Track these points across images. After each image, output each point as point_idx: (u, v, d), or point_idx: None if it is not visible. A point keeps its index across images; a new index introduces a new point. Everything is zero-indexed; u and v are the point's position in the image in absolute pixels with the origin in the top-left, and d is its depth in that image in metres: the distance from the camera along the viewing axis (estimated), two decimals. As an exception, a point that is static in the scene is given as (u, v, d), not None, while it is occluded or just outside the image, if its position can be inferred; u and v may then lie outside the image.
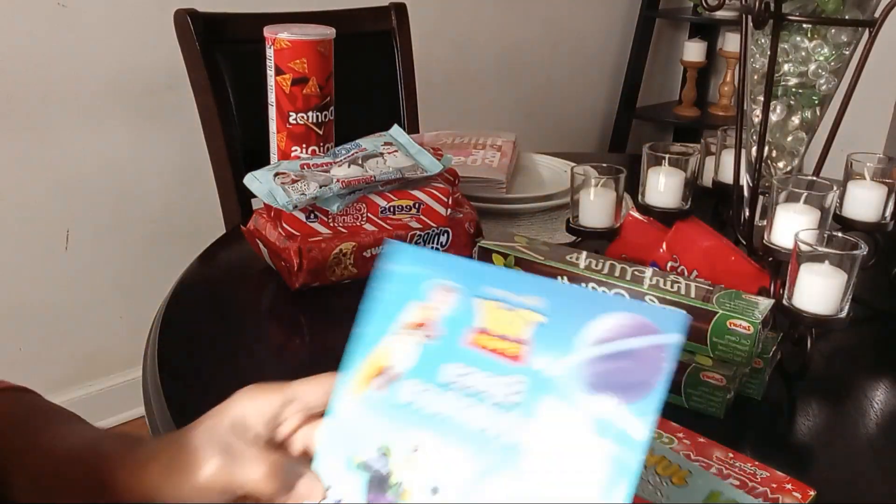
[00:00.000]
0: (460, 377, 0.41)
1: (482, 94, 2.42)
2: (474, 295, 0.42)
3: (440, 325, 0.43)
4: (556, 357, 0.38)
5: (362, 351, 0.45)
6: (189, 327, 0.80)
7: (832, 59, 0.81)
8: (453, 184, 0.93)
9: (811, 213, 0.75)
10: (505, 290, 0.41)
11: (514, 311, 0.40)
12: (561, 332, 0.39)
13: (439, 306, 0.43)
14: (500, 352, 0.40)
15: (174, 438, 0.46)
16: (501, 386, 0.39)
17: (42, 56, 1.56)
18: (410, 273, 0.45)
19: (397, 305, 0.44)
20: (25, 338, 1.68)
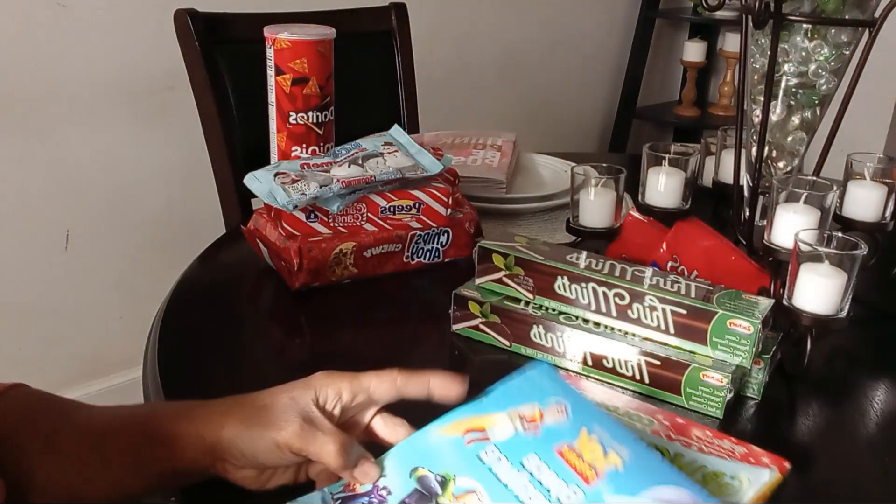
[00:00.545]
0: (538, 469, 0.49)
1: (482, 94, 2.42)
2: (582, 424, 0.51)
3: (543, 429, 0.52)
4: (614, 493, 0.47)
5: (473, 410, 0.54)
6: (189, 327, 0.80)
7: (832, 59, 0.81)
8: (453, 184, 0.93)
9: (811, 213, 0.75)
10: (605, 431, 0.50)
11: (604, 450, 0.49)
12: (628, 480, 0.47)
13: (551, 417, 0.52)
14: (577, 469, 0.48)
15: (248, 400, 0.53)
16: (565, 490, 0.48)
17: (42, 56, 1.56)
18: (544, 385, 0.55)
19: (520, 398, 0.54)
20: (25, 338, 1.68)
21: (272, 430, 0.51)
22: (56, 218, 1.66)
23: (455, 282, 0.78)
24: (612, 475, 0.48)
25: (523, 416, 0.53)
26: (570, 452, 0.50)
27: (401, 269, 0.91)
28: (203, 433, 0.52)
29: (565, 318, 0.72)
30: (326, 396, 0.53)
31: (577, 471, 0.49)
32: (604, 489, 0.47)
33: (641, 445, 0.50)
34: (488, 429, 0.53)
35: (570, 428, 0.51)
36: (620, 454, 0.49)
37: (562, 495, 0.47)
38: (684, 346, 0.68)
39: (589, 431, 0.51)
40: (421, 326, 0.83)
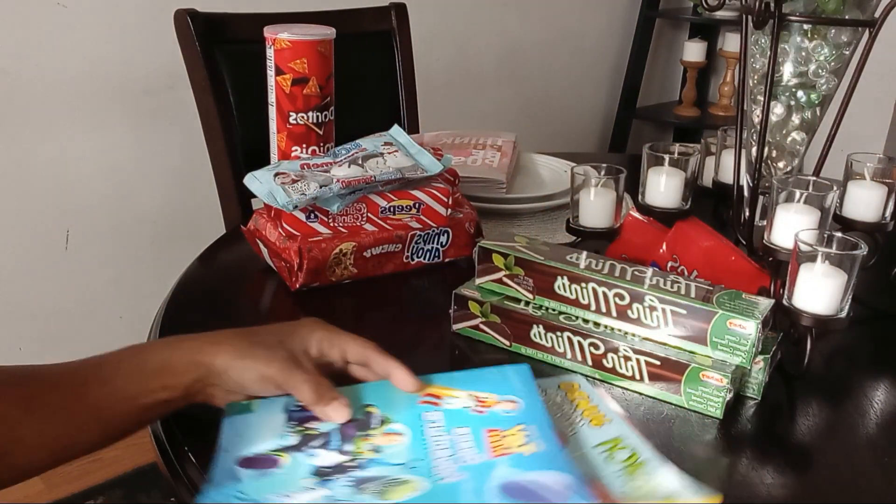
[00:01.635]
0: (460, 436, 0.57)
1: (482, 94, 2.42)
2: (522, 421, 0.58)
3: (489, 412, 0.60)
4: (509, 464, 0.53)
5: (441, 381, 0.63)
6: (189, 327, 0.80)
7: (832, 59, 0.81)
8: (453, 184, 0.93)
9: (811, 213, 0.75)
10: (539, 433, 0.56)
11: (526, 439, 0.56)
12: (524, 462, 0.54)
13: (501, 408, 0.60)
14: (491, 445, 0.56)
15: (238, 335, 0.60)
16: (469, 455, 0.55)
17: (42, 56, 1.56)
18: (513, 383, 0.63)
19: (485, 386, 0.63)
20: (25, 338, 1.68)
21: (260, 364, 0.58)
22: (56, 218, 1.66)
23: (455, 282, 0.78)
24: (517, 456, 0.54)
25: (479, 398, 0.61)
26: (496, 434, 0.57)
27: (401, 269, 0.91)
28: (197, 360, 0.58)
29: (565, 318, 0.72)
30: (310, 341, 0.62)
31: (491, 446, 0.56)
32: (499, 462, 0.54)
33: (560, 449, 0.55)
34: (444, 398, 0.61)
35: (510, 419, 0.59)
36: (538, 448, 0.55)
37: (463, 455, 0.55)
38: (684, 346, 0.68)
39: (525, 426, 0.57)
40: (421, 326, 0.83)
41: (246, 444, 0.56)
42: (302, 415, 0.59)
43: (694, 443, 0.64)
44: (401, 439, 0.57)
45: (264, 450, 0.56)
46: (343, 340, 0.63)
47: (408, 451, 0.56)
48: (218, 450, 0.56)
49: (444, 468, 0.53)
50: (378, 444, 0.57)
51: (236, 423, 0.58)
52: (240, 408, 0.60)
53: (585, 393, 0.67)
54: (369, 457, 0.55)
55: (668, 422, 0.66)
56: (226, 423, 0.58)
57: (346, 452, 0.56)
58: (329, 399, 0.58)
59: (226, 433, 0.57)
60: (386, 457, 0.55)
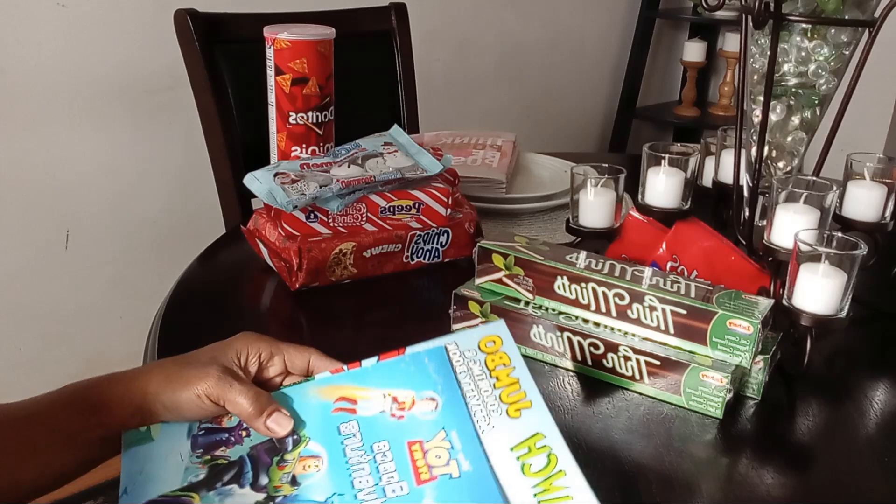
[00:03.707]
0: (382, 455, 0.53)
1: (482, 94, 2.42)
2: (442, 426, 0.55)
3: (408, 416, 0.56)
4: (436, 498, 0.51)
5: (354, 379, 0.58)
6: (189, 327, 0.80)
7: (832, 59, 0.81)
8: (453, 184, 0.93)
9: (811, 213, 0.75)
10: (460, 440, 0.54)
11: (449, 455, 0.53)
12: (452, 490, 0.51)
13: (420, 410, 0.56)
14: (416, 466, 0.52)
15: (170, 360, 0.57)
16: (395, 482, 0.52)
17: (42, 56, 1.56)
18: (429, 374, 0.58)
19: (401, 381, 0.57)
20: (25, 338, 1.68)
21: (193, 382, 0.55)
22: (56, 218, 1.66)
23: (455, 282, 0.78)
24: (443, 481, 0.52)
25: (396, 399, 0.57)
26: (417, 449, 0.54)
27: (401, 270, 0.91)
28: (130, 393, 0.55)
29: (565, 318, 0.72)
30: (247, 354, 0.58)
31: (415, 467, 0.52)
32: (427, 491, 0.51)
33: (485, 466, 0.52)
34: (359, 401, 0.57)
35: (430, 424, 0.55)
36: (461, 465, 0.52)
37: (388, 487, 0.51)
38: (684, 346, 0.68)
39: (446, 433, 0.54)
40: (421, 326, 0.83)
41: (150, 482, 0.53)
42: (207, 440, 0.56)
43: (694, 443, 0.64)
44: (319, 464, 0.54)
45: (171, 490, 0.52)
46: (283, 349, 0.60)
47: (327, 482, 0.52)
48: (120, 490, 0.53)
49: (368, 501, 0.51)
50: (295, 472, 0.53)
51: (137, 456, 0.55)
52: (139, 436, 0.56)
53: (507, 357, 0.59)
54: (287, 492, 0.52)
55: (668, 422, 0.66)
56: (125, 458, 0.55)
57: (261, 488, 0.52)
58: (270, 411, 0.55)
59: (126, 470, 0.54)
60: (304, 491, 0.52)
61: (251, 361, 0.59)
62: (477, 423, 0.55)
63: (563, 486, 0.50)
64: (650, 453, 0.62)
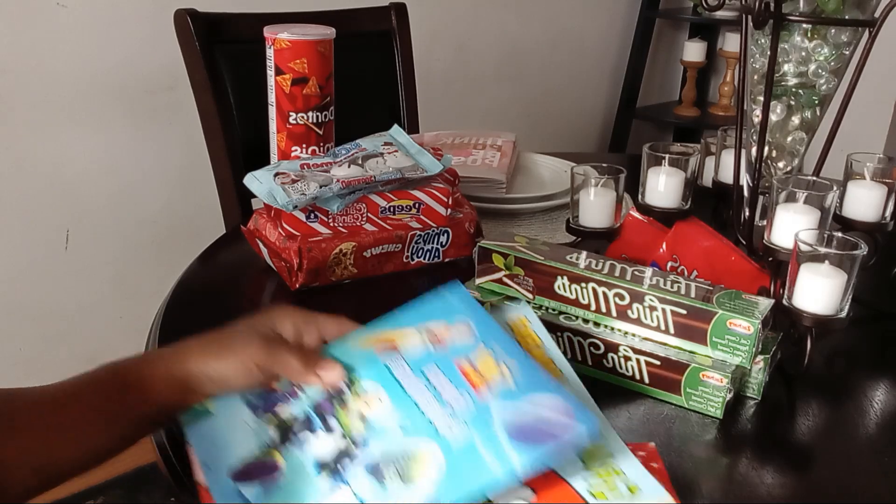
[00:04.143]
0: (435, 376, 0.56)
1: (482, 94, 2.42)
2: (481, 340, 0.58)
3: (448, 344, 0.59)
4: (499, 398, 0.54)
5: (387, 324, 0.62)
6: (189, 327, 0.80)
7: (832, 59, 0.81)
8: (453, 184, 0.93)
9: (811, 213, 0.75)
10: (500, 346, 0.58)
11: (496, 363, 0.56)
12: (511, 388, 0.54)
13: (456, 334, 0.59)
14: (470, 378, 0.55)
15: (206, 336, 0.58)
16: (455, 393, 0.55)
17: (41, 56, 1.56)
18: (455, 304, 0.62)
19: (431, 315, 0.62)
20: (25, 338, 1.68)
21: (239, 352, 0.56)
22: (56, 218, 1.66)
23: (455, 282, 0.78)
24: (499, 383, 0.55)
25: (431, 332, 0.60)
26: (466, 364, 0.57)
27: (401, 269, 0.91)
28: (171, 370, 0.56)
29: (565, 318, 0.72)
30: (284, 326, 0.60)
31: (470, 380, 0.55)
32: (489, 395, 0.54)
33: (529, 360, 0.57)
34: (399, 342, 0.60)
35: (470, 344, 0.58)
36: (509, 366, 0.56)
37: (451, 398, 0.54)
38: (684, 346, 0.68)
39: (486, 345, 0.58)
40: (421, 326, 0.83)
41: (227, 453, 0.54)
42: (266, 402, 0.57)
43: (694, 443, 0.64)
44: (380, 398, 0.56)
45: (250, 454, 0.54)
46: (319, 320, 0.62)
47: (395, 410, 0.54)
48: (202, 469, 0.53)
49: (442, 424, 0.52)
50: (360, 409, 0.55)
51: (203, 433, 0.56)
52: (197, 414, 0.57)
53: (536, 336, 0.64)
54: (360, 430, 0.54)
55: (668, 422, 0.66)
56: (192, 437, 0.56)
57: (334, 430, 0.54)
58: (317, 362, 0.58)
59: (198, 447, 0.55)
60: (377, 422, 0.54)
61: (287, 331, 0.60)
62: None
63: (607, 453, 0.53)
64: (650, 453, 0.62)
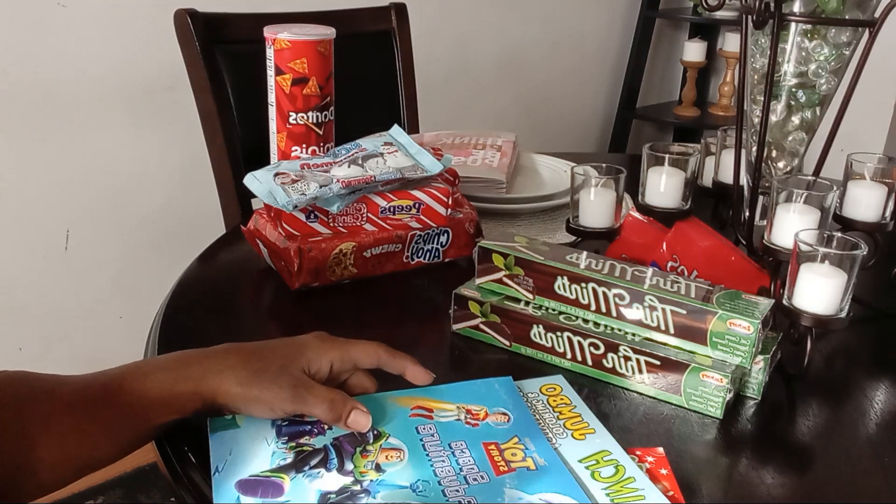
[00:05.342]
0: (460, 450, 0.58)
1: (482, 94, 2.42)
2: (516, 433, 0.60)
3: (482, 424, 0.61)
4: (515, 488, 0.54)
5: (429, 393, 0.64)
6: (189, 328, 0.80)
7: (832, 59, 0.81)
8: (453, 184, 0.93)
9: (811, 213, 0.75)
10: (534, 444, 0.59)
11: (524, 454, 0.57)
12: (531, 480, 0.55)
13: (493, 420, 0.61)
14: (493, 460, 0.57)
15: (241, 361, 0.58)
16: (475, 472, 0.55)
17: (41, 56, 1.56)
18: (501, 396, 0.65)
19: (474, 399, 0.64)
20: (25, 338, 1.68)
21: (267, 395, 0.57)
22: (56, 218, 1.66)
23: (455, 282, 0.78)
24: (522, 472, 0.55)
25: (470, 411, 0.62)
26: (494, 448, 0.58)
27: (401, 269, 0.91)
28: (201, 391, 0.57)
29: (565, 318, 0.72)
30: (319, 366, 0.60)
31: (493, 461, 0.56)
32: (507, 480, 0.54)
33: (560, 463, 0.57)
34: (435, 411, 0.62)
35: (504, 431, 0.60)
36: (537, 461, 0.57)
37: (469, 474, 0.55)
38: (684, 346, 0.68)
39: (519, 439, 0.59)
40: (421, 326, 0.83)
41: (239, 463, 0.55)
42: (291, 430, 0.59)
43: (694, 443, 0.64)
44: (401, 455, 0.57)
45: (261, 471, 0.55)
46: (353, 353, 0.62)
47: (410, 470, 0.55)
48: (212, 470, 0.55)
49: (453, 491, 0.53)
50: (378, 461, 0.56)
51: (225, 440, 0.58)
52: (225, 423, 0.59)
53: (568, 399, 0.66)
54: (373, 478, 0.54)
55: (668, 422, 0.66)
56: (214, 441, 0.58)
57: (347, 473, 0.55)
58: (348, 411, 0.58)
59: (215, 451, 0.57)
60: (389, 477, 0.55)
61: (324, 369, 0.60)
62: (548, 438, 0.60)
63: (634, 489, 0.55)
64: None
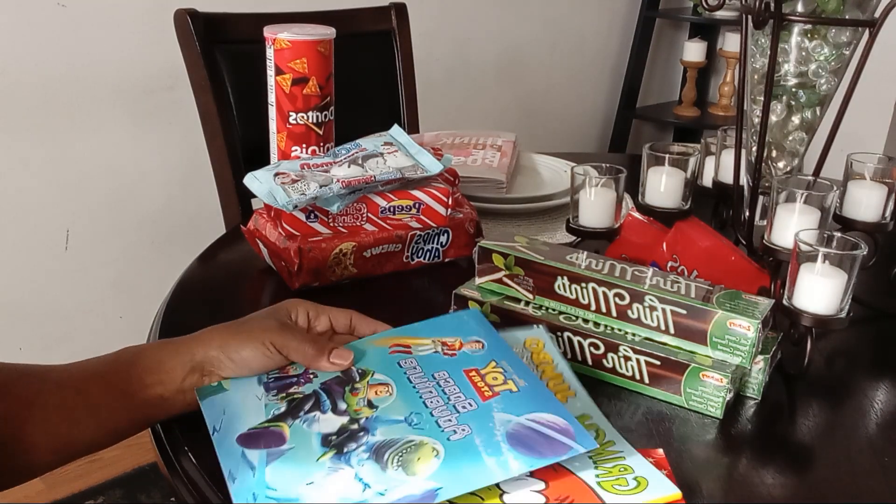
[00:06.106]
0: (444, 380, 0.59)
1: (482, 94, 2.42)
2: (492, 357, 0.61)
3: (459, 353, 0.62)
4: (502, 410, 0.56)
5: (403, 332, 0.66)
6: (189, 327, 0.80)
7: (832, 59, 0.81)
8: (453, 184, 0.93)
9: (811, 213, 0.75)
10: (510, 366, 0.60)
11: (505, 379, 0.59)
12: (517, 402, 0.56)
13: (468, 349, 0.63)
14: (477, 386, 0.58)
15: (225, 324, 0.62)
16: (462, 399, 0.57)
17: (41, 56, 1.56)
18: (471, 325, 0.66)
19: (446, 331, 0.65)
20: (25, 338, 1.68)
21: (257, 334, 0.60)
22: (56, 218, 1.66)
23: (455, 282, 0.78)
24: (506, 395, 0.57)
25: (445, 343, 0.64)
26: (475, 374, 0.60)
27: (401, 269, 0.91)
28: (192, 353, 0.59)
29: (565, 318, 0.72)
30: (296, 313, 0.64)
31: (477, 388, 0.58)
32: (494, 405, 0.56)
33: (539, 382, 0.59)
34: (412, 346, 0.64)
35: (481, 357, 0.62)
36: (517, 383, 0.58)
37: (458, 403, 0.56)
38: (684, 346, 0.68)
39: (496, 363, 0.61)
40: (421, 326, 0.83)
41: (235, 420, 0.56)
42: (280, 383, 0.60)
43: (694, 443, 0.64)
44: (389, 390, 0.58)
45: (258, 423, 0.56)
46: (328, 310, 0.66)
47: (401, 403, 0.57)
48: (210, 430, 0.56)
49: (445, 420, 0.55)
50: (369, 397, 0.58)
51: (216, 403, 0.59)
52: (212, 389, 0.60)
53: (550, 356, 0.66)
54: (368, 415, 0.56)
55: (668, 422, 0.66)
56: (204, 407, 0.59)
57: (342, 412, 0.56)
58: (330, 348, 0.61)
59: (209, 413, 0.58)
60: (384, 412, 0.56)
61: (300, 320, 0.64)
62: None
63: (614, 451, 0.56)
64: (650, 453, 0.62)
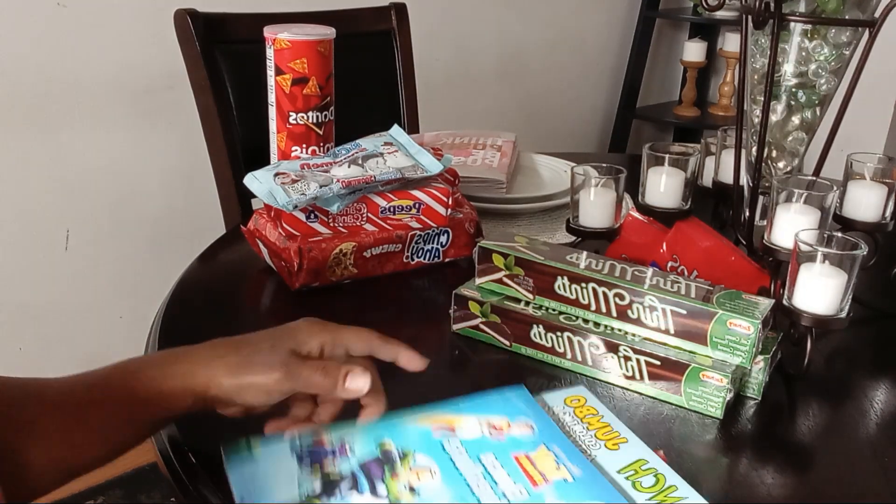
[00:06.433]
0: (492, 465, 0.55)
1: (482, 94, 2.42)
2: (542, 441, 0.58)
3: (507, 436, 0.58)
4: (557, 498, 0.52)
5: (447, 409, 0.61)
6: (189, 327, 0.80)
7: (832, 59, 0.81)
8: (453, 184, 0.93)
9: (811, 213, 0.75)
10: (563, 451, 0.57)
11: (557, 465, 0.56)
12: (572, 491, 0.53)
13: (517, 430, 0.59)
14: (528, 473, 0.55)
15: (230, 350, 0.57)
16: (512, 487, 0.53)
17: (42, 56, 1.56)
18: (518, 405, 0.62)
19: (493, 410, 0.61)
20: (25, 338, 1.68)
21: (259, 377, 0.55)
22: (56, 218, 1.66)
23: (455, 282, 0.78)
24: (560, 484, 0.53)
25: (491, 424, 0.60)
26: (525, 459, 0.56)
27: (401, 269, 0.91)
28: (192, 386, 0.55)
29: (565, 318, 0.72)
30: (309, 348, 0.58)
31: (528, 474, 0.54)
32: (547, 493, 0.52)
33: (593, 468, 0.56)
34: (457, 427, 0.59)
35: (531, 441, 0.58)
36: (571, 471, 0.55)
37: (508, 491, 0.53)
38: (684, 346, 0.68)
39: (547, 447, 0.57)
40: (421, 326, 0.83)
41: (265, 494, 0.53)
42: (312, 454, 0.56)
43: (694, 443, 0.64)
44: (432, 473, 0.54)
45: (291, 500, 0.52)
46: (344, 337, 0.60)
47: (445, 488, 0.53)
48: (237, 500, 0.52)
49: None
50: (411, 482, 0.53)
51: (244, 472, 0.55)
52: (240, 453, 0.56)
53: (594, 409, 0.65)
54: (408, 499, 0.52)
55: (668, 422, 0.66)
56: (233, 474, 0.55)
57: (380, 496, 0.52)
58: (343, 375, 0.56)
59: (237, 483, 0.54)
60: (425, 498, 0.52)
61: (313, 350, 0.59)
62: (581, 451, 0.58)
63: (678, 497, 0.54)
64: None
